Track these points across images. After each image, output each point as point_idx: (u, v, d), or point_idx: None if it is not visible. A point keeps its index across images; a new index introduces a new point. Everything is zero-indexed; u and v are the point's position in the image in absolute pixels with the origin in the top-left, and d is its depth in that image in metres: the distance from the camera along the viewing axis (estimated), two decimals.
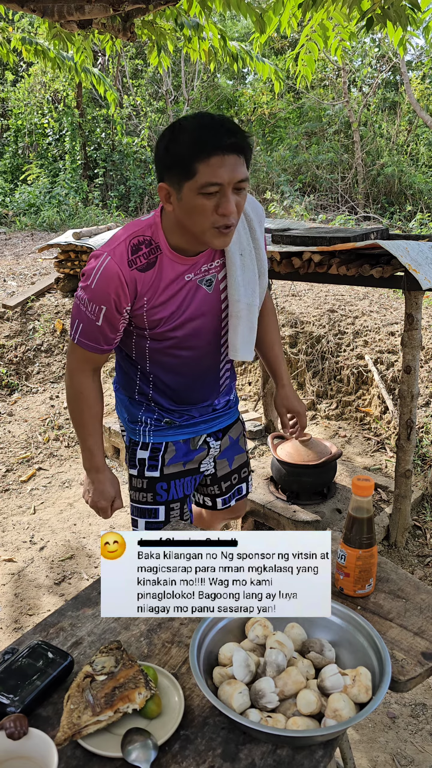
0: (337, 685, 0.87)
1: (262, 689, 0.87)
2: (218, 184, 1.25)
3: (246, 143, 1.29)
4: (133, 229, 1.41)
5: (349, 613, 0.98)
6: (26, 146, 11.45)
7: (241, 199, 1.31)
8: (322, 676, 0.89)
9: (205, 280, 1.48)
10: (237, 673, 0.89)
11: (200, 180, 1.24)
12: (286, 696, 0.88)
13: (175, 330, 1.48)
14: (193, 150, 1.24)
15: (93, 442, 1.56)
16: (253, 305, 1.53)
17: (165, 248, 1.40)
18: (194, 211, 1.28)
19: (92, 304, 1.39)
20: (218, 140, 1.23)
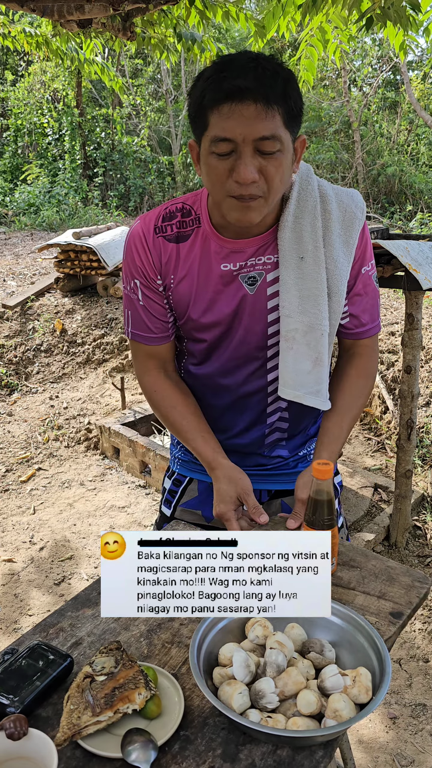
0: (338, 686, 0.87)
1: (262, 689, 0.87)
2: (227, 139, 0.99)
3: (277, 87, 0.97)
4: (179, 198, 1.22)
5: (350, 613, 0.98)
6: (26, 146, 11.44)
7: (273, 165, 1.01)
8: (323, 676, 0.89)
9: (248, 277, 1.18)
10: (237, 674, 0.88)
11: (210, 133, 1.01)
12: (286, 696, 0.88)
13: (202, 330, 1.22)
14: (203, 95, 1.00)
15: (194, 438, 1.25)
16: (317, 328, 1.17)
17: (205, 222, 1.17)
18: (209, 173, 1.05)
19: (129, 281, 1.23)
20: (230, 82, 0.96)
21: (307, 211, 1.16)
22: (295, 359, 1.18)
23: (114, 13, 2.72)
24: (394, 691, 2.13)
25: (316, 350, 1.18)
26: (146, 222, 1.20)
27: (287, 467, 1.39)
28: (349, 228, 1.19)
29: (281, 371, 1.20)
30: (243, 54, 1.01)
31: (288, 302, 1.17)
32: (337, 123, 10.46)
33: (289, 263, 1.16)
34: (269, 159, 1.01)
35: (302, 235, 1.16)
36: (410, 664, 2.24)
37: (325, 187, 1.20)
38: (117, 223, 5.97)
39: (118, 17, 2.98)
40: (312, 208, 1.16)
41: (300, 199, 1.17)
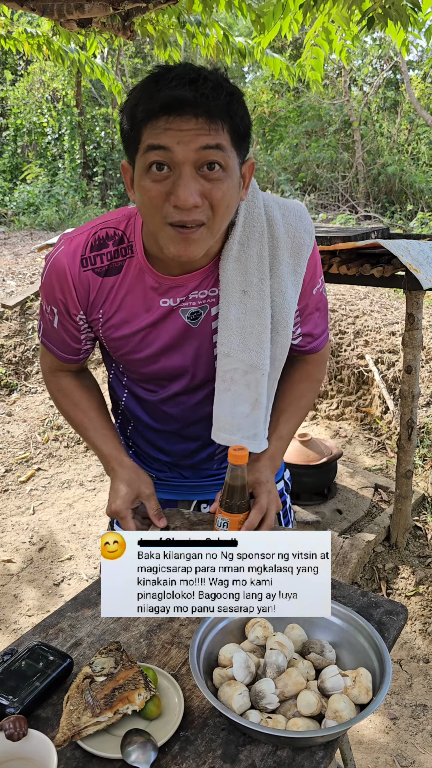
0: (338, 686, 0.87)
1: (262, 690, 0.86)
2: (162, 147, 0.86)
3: (220, 100, 0.86)
4: (108, 218, 1.07)
5: (350, 614, 0.97)
6: (25, 145, 11.44)
7: (218, 187, 0.89)
8: (323, 677, 0.89)
9: (189, 312, 1.06)
10: (237, 674, 0.88)
11: (143, 144, 0.88)
12: (286, 697, 0.88)
13: (143, 364, 1.12)
14: (136, 107, 0.88)
15: (95, 436, 1.20)
16: (258, 368, 1.07)
17: (139, 252, 1.04)
18: (143, 197, 0.91)
19: (46, 303, 1.11)
20: (167, 92, 0.84)
21: (253, 239, 1.05)
22: (233, 401, 1.08)
23: (114, 12, 2.72)
24: (395, 692, 2.13)
25: (256, 391, 1.09)
26: (71, 250, 1.05)
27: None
28: (297, 255, 1.08)
29: (216, 414, 1.10)
30: (184, 65, 0.89)
31: (228, 340, 1.05)
32: (338, 122, 10.46)
33: (232, 297, 1.04)
34: (213, 181, 0.89)
35: (247, 266, 1.04)
36: (410, 664, 2.24)
37: (271, 206, 1.08)
38: None
39: (117, 17, 2.98)
40: (259, 235, 1.05)
41: (246, 225, 1.05)
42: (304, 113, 11.24)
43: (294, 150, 10.73)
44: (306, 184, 10.31)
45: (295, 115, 11.39)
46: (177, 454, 1.27)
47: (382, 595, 2.25)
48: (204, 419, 1.18)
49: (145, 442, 1.28)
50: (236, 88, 0.91)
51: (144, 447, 1.29)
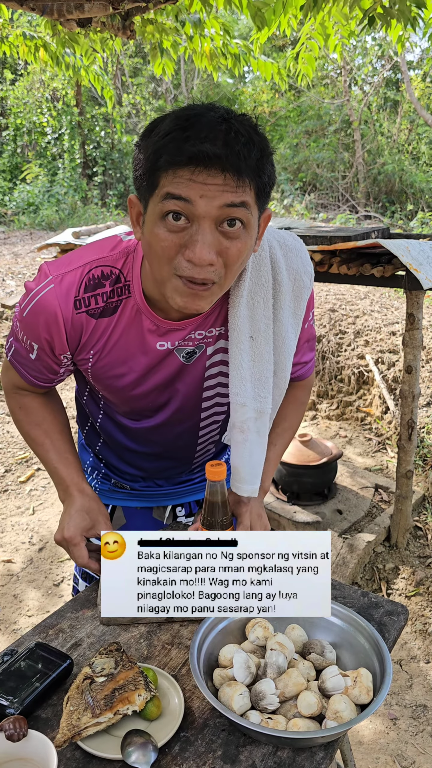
0: (338, 687, 0.86)
1: (263, 691, 0.85)
2: (183, 199, 0.81)
3: (251, 158, 0.81)
4: (101, 254, 1.00)
5: (350, 614, 0.97)
6: (25, 145, 11.44)
7: (236, 247, 0.85)
8: (323, 677, 0.88)
9: (185, 351, 1.03)
10: (237, 675, 0.88)
11: (160, 191, 0.82)
12: (286, 697, 0.88)
13: (131, 400, 1.09)
14: (158, 155, 0.82)
15: (56, 459, 1.13)
16: (265, 413, 1.06)
17: (137, 294, 0.98)
18: (153, 244, 0.86)
19: (24, 336, 1.03)
20: (195, 145, 0.79)
21: (260, 285, 1.03)
22: (251, 452, 1.07)
23: (113, 12, 2.71)
24: (395, 692, 2.13)
25: (265, 436, 1.08)
26: (63, 291, 0.97)
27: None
28: (298, 299, 1.07)
29: (236, 467, 1.08)
30: (211, 109, 0.82)
31: (242, 389, 1.02)
32: (338, 122, 10.46)
33: (243, 345, 1.02)
34: (232, 239, 0.84)
35: (255, 312, 1.02)
36: (411, 665, 2.23)
37: (274, 248, 1.05)
38: (116, 222, 5.96)
39: (117, 16, 2.98)
40: (265, 281, 1.03)
41: (254, 271, 1.03)
42: (304, 113, 11.24)
43: (294, 150, 10.73)
44: (306, 184, 10.30)
45: (295, 114, 11.40)
46: (153, 470, 1.26)
47: (382, 596, 2.25)
48: (187, 444, 1.19)
49: (118, 459, 1.25)
50: (267, 143, 0.86)
51: (115, 463, 1.26)
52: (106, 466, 1.29)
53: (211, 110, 0.82)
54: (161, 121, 0.84)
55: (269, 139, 0.87)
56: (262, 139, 0.84)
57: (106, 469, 1.29)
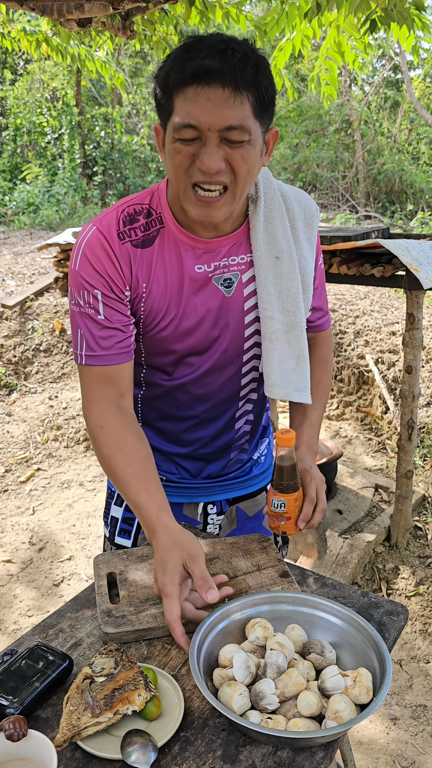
0: (338, 687, 0.86)
1: (263, 691, 0.85)
2: (191, 126, 0.93)
3: (247, 71, 0.92)
4: (130, 198, 1.11)
5: (350, 614, 0.97)
6: (25, 145, 11.44)
7: (240, 154, 0.96)
8: (323, 677, 0.88)
9: (223, 278, 1.11)
10: (237, 675, 0.88)
11: (174, 118, 0.95)
12: (286, 697, 0.87)
13: (177, 340, 1.12)
14: (168, 76, 0.95)
15: (137, 491, 1.04)
16: (297, 326, 1.15)
17: (170, 221, 1.08)
18: (172, 158, 0.98)
19: (83, 293, 1.06)
20: (196, 62, 0.90)
21: (275, 210, 1.14)
22: (280, 359, 1.16)
23: (114, 12, 2.71)
24: (395, 692, 2.13)
25: (297, 347, 1.17)
26: (105, 227, 1.07)
27: (245, 473, 1.36)
28: (310, 226, 1.19)
29: (267, 372, 1.17)
30: (214, 35, 0.94)
31: (269, 303, 1.13)
32: (338, 122, 10.46)
33: (266, 264, 1.12)
34: (236, 148, 0.95)
35: (275, 234, 1.13)
36: (411, 665, 2.24)
37: (282, 186, 1.18)
38: None
39: (117, 16, 2.98)
40: (278, 207, 1.14)
41: (267, 198, 1.14)
42: (304, 113, 11.24)
43: (294, 149, 10.73)
44: (306, 184, 10.30)
45: (295, 114, 11.40)
46: (196, 442, 1.26)
47: (382, 596, 2.24)
48: (229, 399, 1.23)
49: (159, 435, 1.26)
50: (263, 59, 0.96)
51: (155, 443, 1.26)
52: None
53: (213, 36, 0.94)
54: (172, 52, 0.97)
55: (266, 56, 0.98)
56: (257, 56, 0.95)
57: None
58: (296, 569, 1.16)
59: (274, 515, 1.12)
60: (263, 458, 1.40)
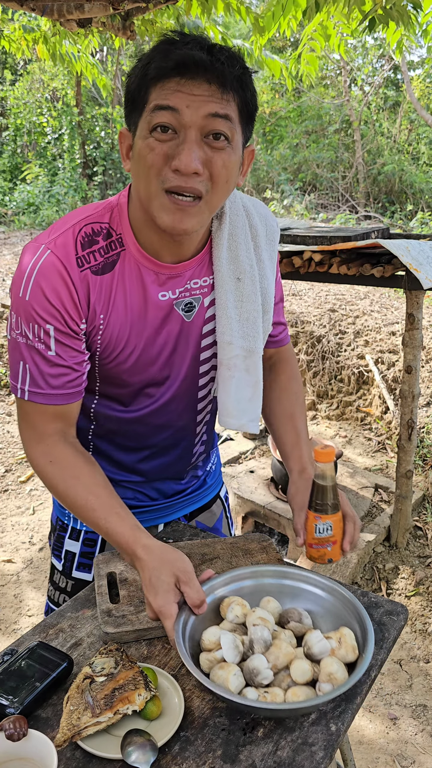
0: (325, 650, 0.88)
1: (257, 667, 0.85)
2: (170, 108, 0.83)
3: (234, 69, 0.85)
4: (85, 213, 0.98)
5: (316, 577, 0.99)
6: (25, 145, 11.44)
7: (221, 158, 0.87)
8: (308, 643, 0.89)
9: (184, 303, 1.03)
10: (228, 656, 0.87)
11: (150, 105, 0.86)
12: (278, 669, 0.88)
13: (137, 372, 1.04)
14: (147, 66, 0.86)
15: (106, 518, 0.97)
16: (255, 352, 1.09)
17: (132, 245, 0.98)
18: (142, 158, 0.88)
19: (33, 326, 0.94)
20: (182, 50, 0.83)
21: (239, 228, 1.07)
22: (237, 387, 1.08)
23: (114, 12, 2.71)
24: (395, 692, 2.13)
25: (255, 375, 1.10)
26: (62, 251, 0.94)
27: (200, 485, 1.31)
28: (272, 242, 1.12)
29: (222, 401, 1.09)
30: (198, 35, 0.89)
31: (228, 328, 1.05)
32: (338, 122, 10.46)
33: (228, 286, 1.04)
34: (217, 151, 0.87)
35: (238, 254, 1.06)
36: (411, 664, 2.24)
37: (244, 200, 1.11)
38: None
39: (117, 16, 2.98)
40: (242, 224, 1.08)
41: (232, 215, 1.07)
42: (304, 113, 11.24)
43: (294, 150, 10.73)
44: (306, 184, 10.30)
45: (295, 114, 11.39)
46: (153, 471, 1.19)
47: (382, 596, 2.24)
48: (187, 426, 1.16)
49: (111, 464, 1.17)
50: (247, 67, 0.90)
51: (110, 473, 1.17)
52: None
53: (196, 35, 0.87)
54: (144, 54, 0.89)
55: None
56: (243, 61, 0.89)
57: None
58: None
59: (318, 542, 1.01)
60: (214, 467, 1.36)
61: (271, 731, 0.84)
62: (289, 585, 1.01)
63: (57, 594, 1.27)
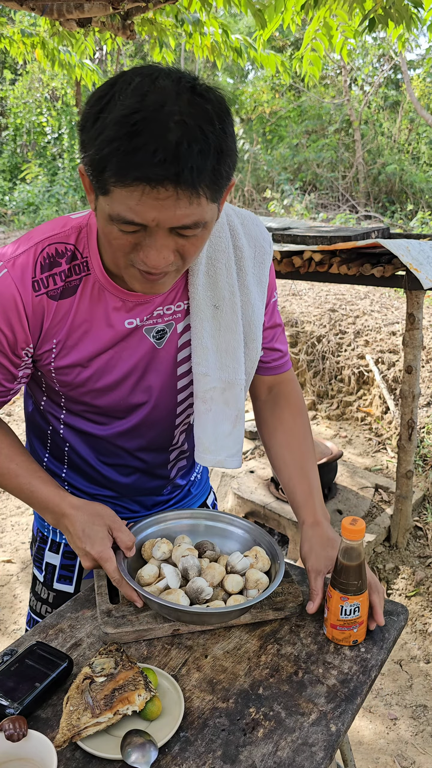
0: (246, 565, 1.04)
1: (200, 586, 0.98)
2: (136, 224, 0.77)
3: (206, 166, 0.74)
4: (52, 232, 0.93)
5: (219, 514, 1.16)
6: (25, 145, 11.44)
7: (192, 244, 0.82)
8: (231, 563, 1.04)
9: (155, 330, 0.98)
10: (171, 583, 0.99)
11: (112, 208, 0.77)
12: (213, 587, 1.02)
13: (100, 394, 1.00)
14: (104, 160, 0.74)
15: (30, 482, 1.00)
16: (236, 384, 1.03)
17: (97, 269, 0.92)
18: (107, 238, 0.83)
19: None
20: (144, 165, 0.71)
21: (220, 251, 0.99)
22: (215, 422, 1.03)
23: (113, 11, 2.71)
24: (395, 692, 2.13)
25: (236, 408, 1.04)
26: (18, 272, 0.90)
27: (183, 496, 1.27)
28: (261, 266, 1.04)
29: (198, 437, 1.04)
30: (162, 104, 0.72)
31: (204, 359, 1.00)
32: (338, 122, 10.46)
33: (204, 314, 0.98)
34: (189, 238, 0.81)
35: (217, 280, 0.99)
36: (411, 665, 2.24)
37: (231, 217, 1.03)
38: None
39: (117, 16, 2.98)
40: (225, 247, 1.00)
41: (213, 238, 0.99)
42: (304, 113, 11.24)
43: (294, 149, 10.73)
44: (306, 184, 10.30)
45: (295, 114, 11.39)
46: (128, 487, 1.16)
47: None
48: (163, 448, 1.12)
49: (86, 479, 1.15)
50: (224, 135, 0.76)
51: (84, 486, 1.16)
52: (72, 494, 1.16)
53: (163, 105, 0.72)
54: (106, 105, 0.74)
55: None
56: (218, 133, 0.75)
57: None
58: (296, 569, 1.16)
59: (344, 624, 0.94)
60: (199, 476, 1.31)
61: (271, 731, 0.84)
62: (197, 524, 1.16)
63: (39, 605, 1.26)
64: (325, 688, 0.91)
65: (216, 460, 1.06)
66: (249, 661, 0.95)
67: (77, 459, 1.12)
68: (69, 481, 1.17)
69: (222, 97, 0.80)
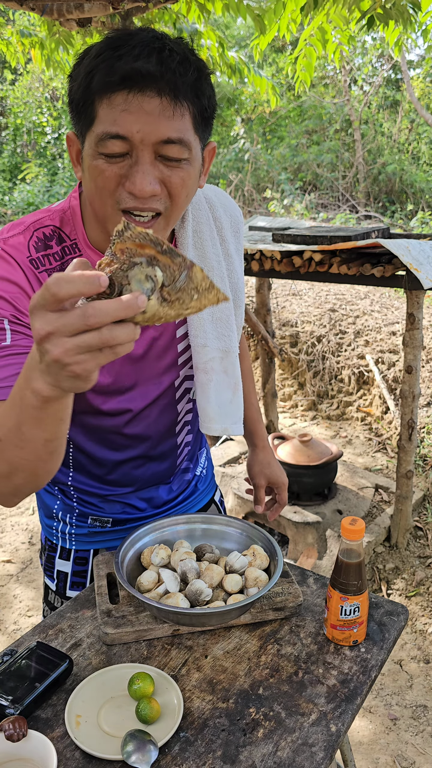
0: (244, 564, 1.05)
1: (199, 588, 0.99)
2: (120, 137, 0.77)
3: (188, 77, 0.77)
4: (34, 218, 0.94)
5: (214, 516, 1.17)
6: (25, 145, 11.44)
7: (178, 176, 0.81)
8: (230, 562, 1.05)
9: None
10: (170, 587, 1.00)
11: (97, 128, 0.78)
12: (213, 588, 1.02)
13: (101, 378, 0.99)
14: (90, 76, 0.77)
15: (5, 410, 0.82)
16: (231, 351, 1.06)
17: (86, 248, 0.93)
18: (93, 178, 0.82)
19: None
20: (128, 63, 0.75)
21: (203, 223, 1.02)
22: (217, 391, 1.05)
23: (113, 12, 2.71)
24: (395, 692, 2.13)
25: (233, 375, 1.07)
26: (14, 249, 0.88)
27: (190, 492, 1.27)
28: (237, 234, 1.08)
29: (202, 407, 1.05)
30: (145, 29, 0.79)
31: (201, 330, 1.01)
32: (338, 122, 10.46)
33: None
34: (174, 168, 0.81)
35: (205, 251, 1.01)
36: (411, 665, 2.24)
37: (205, 191, 1.05)
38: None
39: (117, 16, 2.98)
40: (206, 218, 1.03)
41: (194, 210, 1.01)
42: (304, 113, 11.23)
43: (294, 149, 10.73)
44: (306, 184, 10.30)
45: (295, 114, 11.39)
46: (138, 480, 1.15)
47: (382, 596, 2.24)
48: (169, 430, 1.11)
49: (93, 479, 1.13)
50: (203, 63, 0.82)
51: (92, 489, 1.14)
52: (80, 502, 1.16)
53: (145, 30, 0.79)
54: (88, 50, 0.79)
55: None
56: (198, 59, 0.81)
57: (79, 506, 1.16)
58: (296, 569, 1.16)
59: (344, 624, 0.95)
60: (205, 471, 1.31)
61: (271, 732, 0.84)
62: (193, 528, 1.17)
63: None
64: (325, 689, 0.91)
65: (221, 428, 1.08)
66: (249, 661, 0.95)
67: (83, 458, 1.10)
68: (76, 486, 1.15)
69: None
